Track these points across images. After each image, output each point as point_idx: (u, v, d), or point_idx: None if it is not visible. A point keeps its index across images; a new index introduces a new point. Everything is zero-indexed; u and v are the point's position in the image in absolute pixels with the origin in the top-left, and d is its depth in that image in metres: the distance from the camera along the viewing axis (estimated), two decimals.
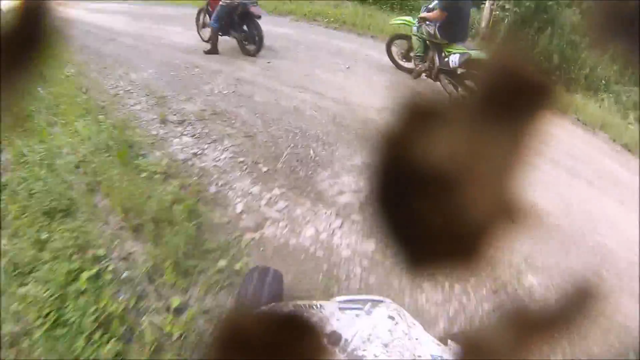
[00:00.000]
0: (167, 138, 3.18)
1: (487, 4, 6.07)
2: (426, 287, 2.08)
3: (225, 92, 3.61)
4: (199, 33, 4.87)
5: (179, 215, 2.44)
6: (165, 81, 4.04)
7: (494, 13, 6.08)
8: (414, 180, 0.13)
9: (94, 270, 2.12)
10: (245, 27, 4.36)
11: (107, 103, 3.92)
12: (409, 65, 4.23)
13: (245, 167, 2.73)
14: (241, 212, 2.49)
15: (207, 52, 4.52)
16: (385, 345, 1.00)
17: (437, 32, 3.68)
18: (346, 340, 1.02)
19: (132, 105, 3.80)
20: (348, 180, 2.54)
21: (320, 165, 2.63)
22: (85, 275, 2.08)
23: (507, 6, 6.07)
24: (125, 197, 2.63)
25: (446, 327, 1.94)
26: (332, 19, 6.24)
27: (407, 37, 4.13)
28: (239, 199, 2.54)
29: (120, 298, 2.03)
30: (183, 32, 5.30)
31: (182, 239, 2.30)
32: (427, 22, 3.76)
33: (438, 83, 3.89)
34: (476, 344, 0.16)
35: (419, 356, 1.03)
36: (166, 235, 2.38)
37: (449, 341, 1.20)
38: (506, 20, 6.02)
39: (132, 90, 4.06)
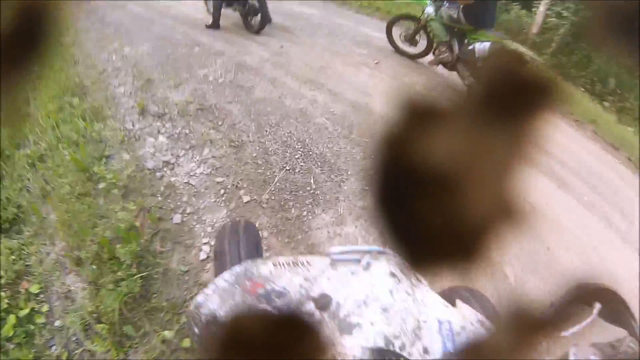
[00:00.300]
0: (141, 135, 2.39)
1: (542, 7, 4.95)
2: None
3: (221, 80, 2.75)
4: (205, 3, 3.95)
5: (124, 257, 1.66)
6: (158, 60, 3.20)
7: (548, 19, 5.00)
8: (414, 180, 0.13)
9: (26, 311, 1.62)
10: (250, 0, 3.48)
11: (90, 81, 3.13)
12: (412, 50, 3.49)
13: (222, 191, 1.90)
14: (205, 260, 1.68)
15: (209, 27, 3.66)
16: (385, 310, 0.81)
17: (461, 16, 2.92)
18: (338, 303, 0.83)
19: (115, 87, 3.01)
20: (354, 231, 1.67)
21: (320, 204, 1.78)
22: (12, 319, 1.58)
23: (565, 13, 4.88)
24: (72, 216, 1.91)
25: None
26: (364, 4, 5.18)
27: (413, 18, 3.36)
28: (206, 240, 1.74)
29: (53, 350, 1.55)
30: (194, 2, 4.36)
31: (123, 295, 1.56)
32: (448, 4, 3.05)
33: (453, 73, 3.22)
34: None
35: (424, 321, 0.85)
36: (105, 287, 1.64)
37: (457, 301, 0.97)
38: (561, 29, 4.90)
39: (121, 68, 3.25)
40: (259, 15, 3.50)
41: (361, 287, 0.88)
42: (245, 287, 0.90)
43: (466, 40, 3.00)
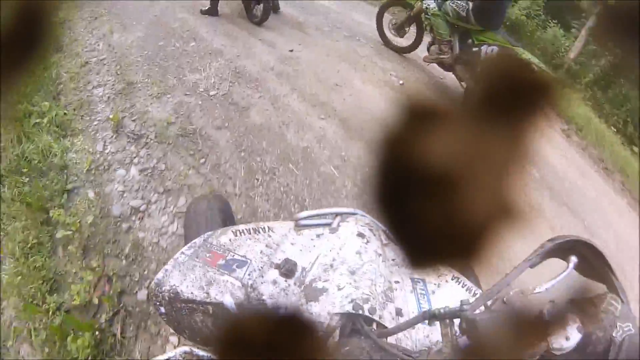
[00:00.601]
0: (112, 164, 1.93)
1: (583, 32, 4.34)
2: None
3: (213, 92, 2.21)
4: None
5: (76, 352, 1.29)
6: (146, 55, 2.65)
7: (588, 46, 4.43)
8: (414, 180, 0.13)
9: None
10: None
11: (69, 76, 2.64)
12: (400, 42, 3.10)
13: None
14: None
15: (205, 12, 3.06)
16: (352, 273, 0.76)
17: (470, 15, 2.55)
18: (303, 269, 0.80)
19: (94, 87, 2.51)
20: None
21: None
22: None
23: (609, 44, 4.20)
24: (22, 280, 1.54)
25: None
26: None
27: (406, 5, 2.98)
28: (174, 335, 1.33)
29: None
30: None
31: None
32: None
33: (447, 73, 2.88)
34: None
35: (396, 282, 0.81)
36: None
37: None
38: (602, 60, 4.35)
39: (105, 61, 2.72)
40: (262, 4, 2.88)
41: (327, 251, 0.82)
42: (206, 260, 0.85)
43: (469, 41, 2.64)
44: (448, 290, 0.85)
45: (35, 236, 1.70)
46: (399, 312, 0.75)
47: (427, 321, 0.64)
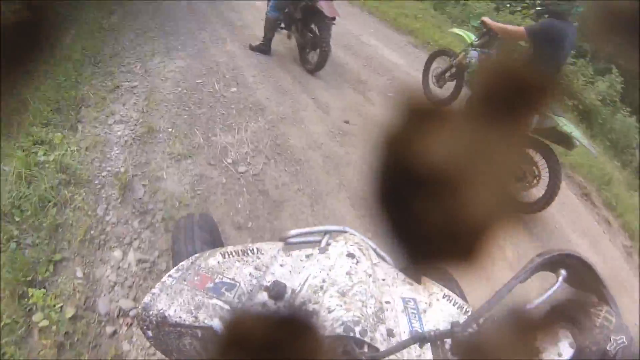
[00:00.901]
0: (109, 239, 1.75)
1: None
2: None
3: (242, 169, 1.97)
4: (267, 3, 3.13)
5: None
6: (179, 94, 2.48)
7: None
8: (414, 180, 0.13)
9: None
10: (313, 27, 2.73)
11: (95, 100, 2.48)
12: (438, 93, 2.96)
13: None
14: None
15: (254, 49, 2.89)
16: (343, 294, 0.79)
17: None
18: (293, 290, 0.83)
19: (115, 122, 2.36)
20: None
21: None
22: None
23: None
24: None
25: None
26: None
27: (452, 55, 2.88)
28: None
29: None
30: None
31: None
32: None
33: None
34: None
35: (387, 302, 0.85)
36: None
37: (422, 277, 0.97)
38: None
39: (135, 90, 2.58)
40: (318, 50, 2.72)
41: (317, 272, 0.84)
42: (193, 283, 0.88)
43: None
44: (439, 308, 0.89)
45: (10, 315, 1.52)
46: (390, 333, 0.77)
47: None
